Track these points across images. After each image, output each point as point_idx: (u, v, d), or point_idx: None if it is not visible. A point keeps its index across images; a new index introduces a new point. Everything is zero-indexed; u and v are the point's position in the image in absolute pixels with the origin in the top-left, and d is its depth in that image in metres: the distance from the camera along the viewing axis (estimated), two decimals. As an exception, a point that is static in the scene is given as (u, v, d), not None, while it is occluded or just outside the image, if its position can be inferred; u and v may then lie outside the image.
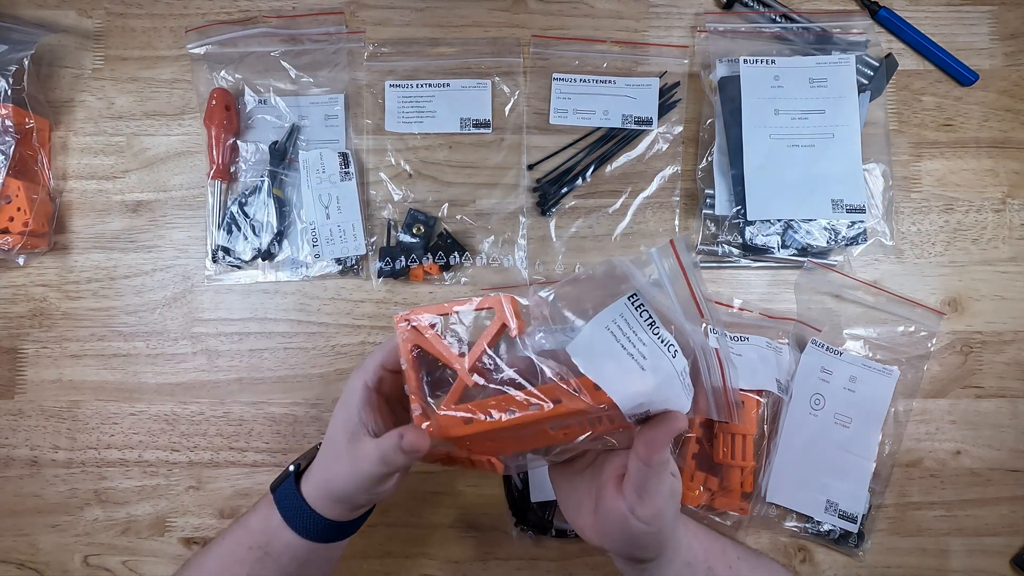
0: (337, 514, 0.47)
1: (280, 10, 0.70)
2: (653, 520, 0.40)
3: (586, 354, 0.39)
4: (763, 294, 0.67)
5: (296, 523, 0.47)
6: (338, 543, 0.49)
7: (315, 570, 0.50)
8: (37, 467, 0.66)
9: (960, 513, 0.65)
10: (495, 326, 0.43)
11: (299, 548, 0.47)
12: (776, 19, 0.68)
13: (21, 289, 0.68)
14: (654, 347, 0.39)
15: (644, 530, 0.40)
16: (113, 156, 0.69)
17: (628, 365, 0.39)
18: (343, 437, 0.44)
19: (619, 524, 0.40)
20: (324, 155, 0.66)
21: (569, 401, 0.39)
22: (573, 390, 0.39)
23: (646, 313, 0.40)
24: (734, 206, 0.65)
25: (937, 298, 0.67)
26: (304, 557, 0.47)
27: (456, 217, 0.68)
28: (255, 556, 0.47)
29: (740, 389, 0.61)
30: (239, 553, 0.48)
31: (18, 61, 0.65)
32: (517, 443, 0.43)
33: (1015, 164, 0.68)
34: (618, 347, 0.39)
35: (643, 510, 0.39)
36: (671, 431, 0.38)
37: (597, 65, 0.69)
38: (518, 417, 0.39)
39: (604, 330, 0.40)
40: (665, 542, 0.43)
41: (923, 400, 0.66)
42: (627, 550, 0.42)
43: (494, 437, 0.42)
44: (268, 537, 0.47)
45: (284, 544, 0.47)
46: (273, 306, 0.67)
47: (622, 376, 0.38)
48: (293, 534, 0.46)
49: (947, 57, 0.68)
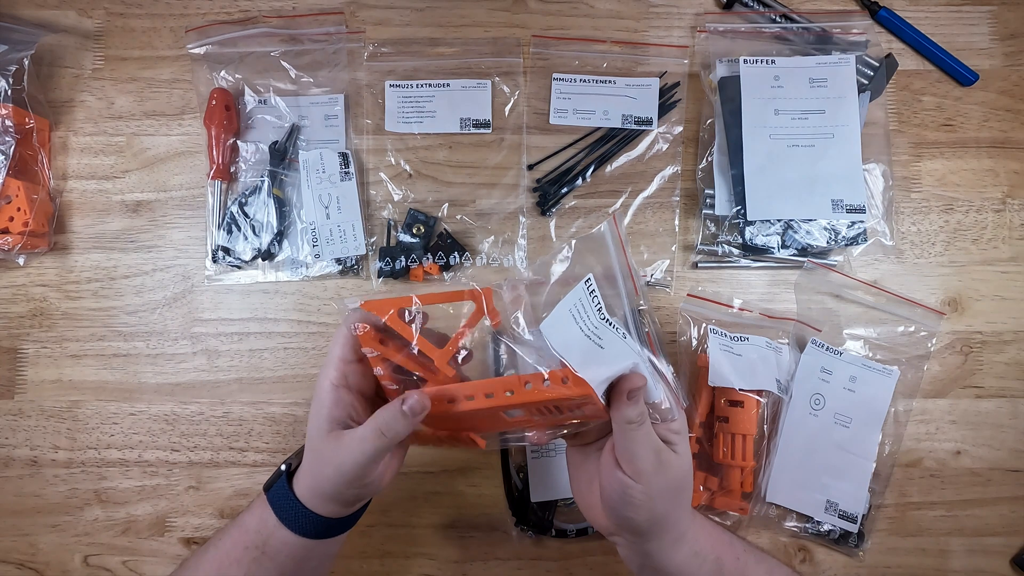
0: (330, 511, 0.47)
1: (280, 10, 0.70)
2: (639, 477, 0.42)
3: (557, 337, 0.41)
4: (763, 294, 0.67)
5: (291, 522, 0.47)
6: (336, 538, 0.49)
7: (313, 566, 0.50)
8: (37, 467, 0.66)
9: (960, 513, 0.65)
10: (474, 317, 0.45)
11: (296, 546, 0.47)
12: (776, 19, 0.68)
13: (21, 289, 0.68)
14: (605, 329, 0.42)
15: (633, 486, 0.42)
16: (113, 156, 0.69)
17: (588, 346, 0.41)
18: (320, 439, 0.45)
19: (611, 483, 0.43)
20: (324, 155, 0.66)
21: (551, 389, 0.41)
22: (560, 380, 0.41)
23: (596, 299, 0.43)
24: (734, 206, 0.65)
25: (937, 298, 0.67)
26: (301, 554, 0.48)
27: (456, 217, 0.68)
28: (251, 556, 0.47)
29: (740, 389, 0.61)
30: (235, 553, 0.48)
31: (18, 61, 0.65)
32: (495, 423, 0.46)
33: (1015, 164, 0.68)
34: (577, 329, 0.42)
35: (628, 468, 0.42)
36: (626, 388, 0.41)
37: (597, 65, 0.69)
38: (494, 400, 0.42)
39: (567, 313, 0.42)
40: (661, 514, 0.44)
41: (923, 400, 0.66)
42: (623, 514, 0.43)
43: (474, 416, 0.44)
44: (264, 536, 0.47)
45: (280, 543, 0.47)
46: (273, 306, 0.67)
47: (586, 357, 0.41)
48: (289, 532, 0.46)
49: (947, 57, 0.68)
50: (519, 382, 0.42)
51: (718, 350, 0.62)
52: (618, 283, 0.44)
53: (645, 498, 0.42)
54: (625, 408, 0.41)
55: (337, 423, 0.44)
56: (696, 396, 0.63)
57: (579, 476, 0.48)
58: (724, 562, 0.47)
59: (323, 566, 0.51)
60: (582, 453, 0.48)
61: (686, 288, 0.67)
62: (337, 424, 0.44)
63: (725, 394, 0.61)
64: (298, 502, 0.46)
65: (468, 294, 0.45)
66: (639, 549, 0.46)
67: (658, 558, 0.45)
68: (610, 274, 0.44)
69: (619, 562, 0.64)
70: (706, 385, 0.61)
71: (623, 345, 0.42)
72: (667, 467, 0.43)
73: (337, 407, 0.45)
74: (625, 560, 0.48)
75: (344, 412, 0.45)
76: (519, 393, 0.41)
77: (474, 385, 0.43)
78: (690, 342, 0.64)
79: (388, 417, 0.42)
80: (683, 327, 0.65)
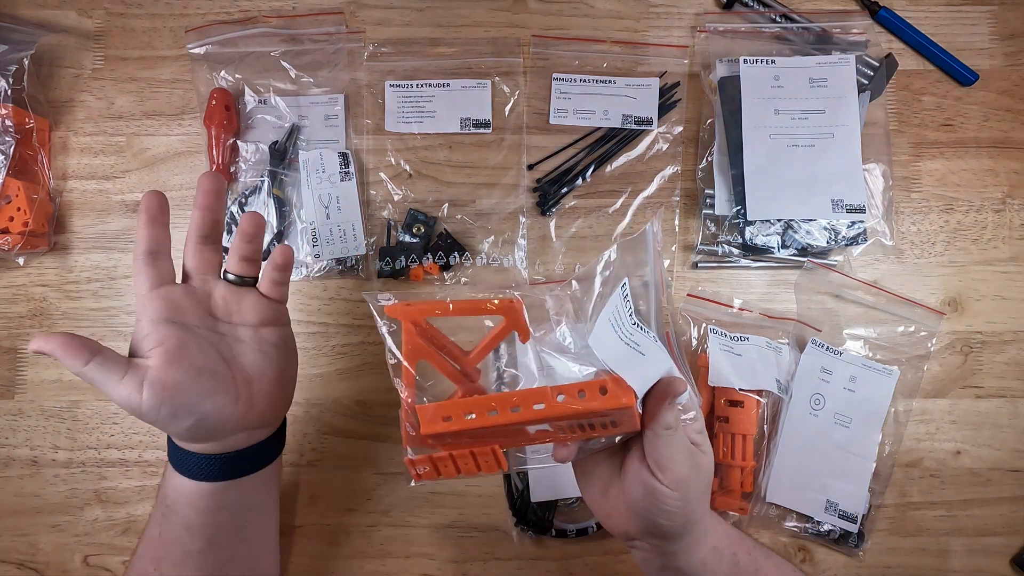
0: (201, 448, 0.46)
1: (280, 10, 0.70)
2: (677, 485, 0.40)
3: (603, 349, 0.40)
4: (763, 294, 0.67)
5: (178, 464, 0.46)
6: (242, 484, 0.48)
7: (227, 519, 0.48)
8: (37, 467, 0.66)
9: (960, 513, 0.65)
10: (505, 329, 0.44)
11: (192, 492, 0.46)
12: (776, 19, 0.68)
13: (21, 289, 0.68)
14: (640, 335, 0.41)
15: (669, 495, 0.40)
16: (113, 156, 0.69)
17: (629, 354, 0.40)
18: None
19: (645, 493, 0.41)
20: (324, 155, 0.66)
21: (588, 400, 0.39)
22: (598, 390, 0.39)
23: (629, 304, 0.42)
24: (734, 206, 0.65)
25: (937, 298, 0.67)
26: (202, 504, 0.46)
27: (456, 217, 0.68)
28: (160, 512, 0.47)
29: (740, 389, 0.61)
30: (154, 515, 0.47)
31: (18, 61, 0.65)
32: (514, 439, 0.43)
33: (1015, 164, 0.68)
34: (616, 338, 0.40)
35: (665, 476, 0.40)
36: (666, 394, 0.40)
37: (597, 65, 0.69)
38: (520, 415, 0.39)
39: (608, 323, 0.41)
40: (693, 517, 0.43)
41: (923, 400, 0.66)
42: (655, 522, 0.42)
43: (494, 433, 0.41)
44: (166, 489, 0.47)
45: (176, 491, 0.46)
46: (273, 306, 0.67)
47: (629, 364, 0.39)
48: (182, 478, 0.46)
49: (947, 57, 0.68)
50: (551, 394, 0.39)
51: (718, 350, 0.62)
52: (650, 287, 0.43)
53: (681, 504, 0.41)
54: (666, 414, 0.40)
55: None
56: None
57: (590, 484, 0.46)
58: (739, 556, 0.47)
59: (246, 521, 0.49)
60: (590, 461, 0.46)
61: (686, 288, 0.67)
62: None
63: (725, 394, 0.61)
64: (174, 443, 0.46)
65: (501, 305, 0.43)
66: (662, 551, 0.44)
67: (681, 557, 0.44)
68: (646, 279, 0.43)
69: (619, 562, 0.64)
70: (706, 385, 0.62)
71: (657, 349, 0.41)
72: (698, 469, 0.42)
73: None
74: (642, 564, 0.47)
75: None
76: (551, 406, 0.39)
77: (499, 397, 0.40)
78: (690, 342, 0.64)
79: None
80: (683, 327, 0.65)
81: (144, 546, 0.49)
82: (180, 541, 0.47)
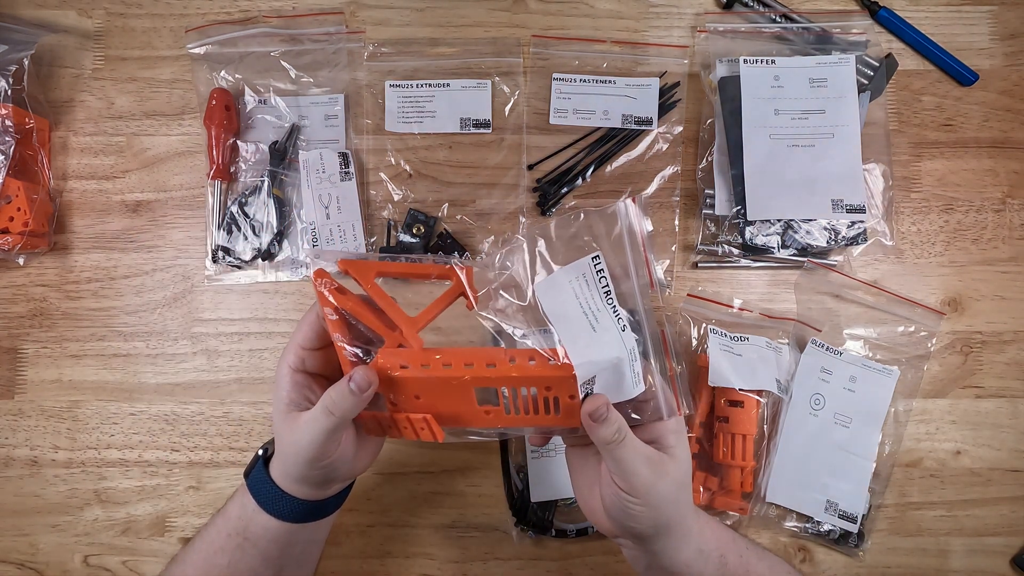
0: (305, 494, 0.47)
1: (280, 10, 0.70)
2: (637, 493, 0.42)
3: (549, 302, 0.40)
4: (763, 294, 0.67)
5: (270, 506, 0.46)
6: (318, 523, 0.49)
7: (299, 551, 0.49)
8: (37, 467, 0.66)
9: (960, 513, 0.65)
10: (451, 294, 0.44)
11: (277, 531, 0.47)
12: (776, 19, 0.68)
13: (21, 289, 0.68)
14: (606, 315, 0.40)
15: (632, 501, 0.42)
16: (113, 156, 0.69)
17: (581, 324, 0.40)
18: (280, 422, 0.45)
19: (613, 498, 0.43)
20: (324, 155, 0.66)
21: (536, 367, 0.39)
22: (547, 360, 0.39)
23: (604, 280, 0.41)
24: (734, 206, 0.64)
25: (937, 298, 0.67)
26: (284, 539, 0.47)
27: (456, 217, 0.68)
28: (235, 543, 0.47)
29: (740, 389, 0.61)
30: (219, 542, 0.48)
31: (18, 61, 0.65)
32: (464, 413, 0.44)
33: (1015, 164, 0.68)
34: (575, 302, 0.40)
35: (624, 485, 0.42)
36: (587, 411, 0.41)
37: (597, 65, 0.69)
38: (474, 371, 0.40)
39: (566, 283, 0.40)
40: (665, 521, 0.43)
41: (923, 400, 0.66)
42: (625, 525, 0.44)
43: (444, 398, 0.43)
44: (245, 522, 0.47)
45: (262, 528, 0.47)
46: (273, 306, 0.67)
47: (576, 335, 0.39)
48: (268, 517, 0.46)
49: (947, 57, 0.68)
50: (504, 356, 0.40)
51: (718, 350, 0.62)
52: (631, 274, 0.43)
53: (645, 509, 0.42)
54: (599, 430, 0.41)
55: (294, 405, 0.45)
56: (696, 396, 0.63)
57: (580, 479, 0.48)
58: (728, 559, 0.47)
59: (309, 552, 0.50)
60: (581, 455, 0.47)
61: (686, 288, 0.67)
62: (294, 407, 0.45)
63: (725, 394, 0.61)
64: (274, 485, 0.46)
65: (445, 270, 0.44)
66: (645, 550, 0.46)
67: (664, 557, 0.45)
68: (623, 261, 0.43)
69: (619, 562, 0.64)
70: (706, 385, 0.62)
71: (616, 337, 0.40)
72: (662, 475, 0.42)
73: (294, 390, 0.45)
74: (631, 561, 0.48)
75: (301, 395, 0.45)
76: (501, 367, 0.40)
77: (452, 352, 0.41)
78: (690, 342, 0.64)
79: (335, 395, 0.43)
80: (683, 327, 0.65)
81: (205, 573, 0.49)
82: (253, 571, 0.48)
